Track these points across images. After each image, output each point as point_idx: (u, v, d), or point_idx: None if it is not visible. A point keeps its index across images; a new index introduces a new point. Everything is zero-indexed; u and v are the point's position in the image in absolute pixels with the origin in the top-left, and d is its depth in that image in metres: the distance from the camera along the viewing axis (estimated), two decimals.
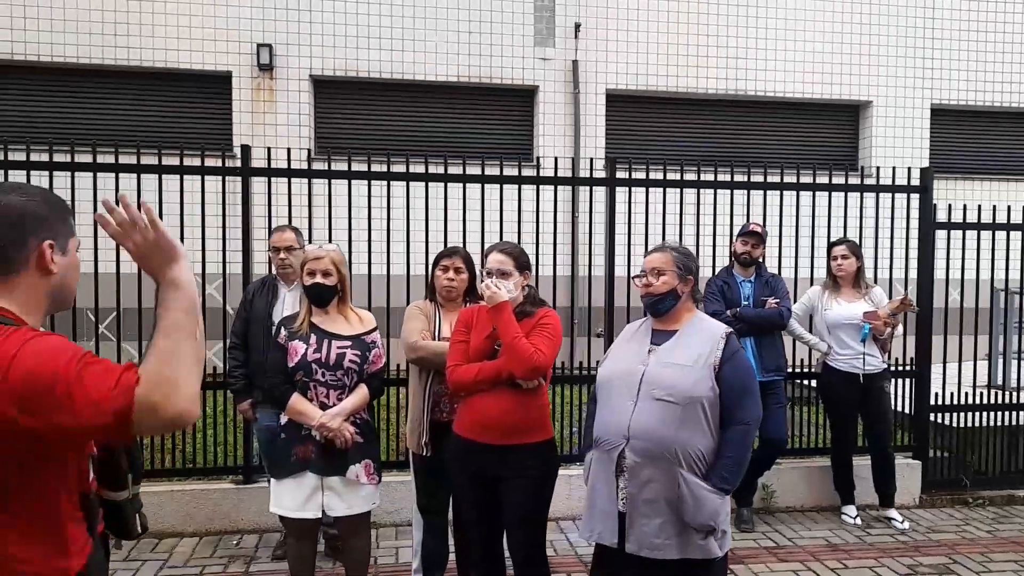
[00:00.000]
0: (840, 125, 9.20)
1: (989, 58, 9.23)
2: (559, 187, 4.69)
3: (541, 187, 4.66)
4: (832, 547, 4.29)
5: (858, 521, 4.65)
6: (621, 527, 2.51)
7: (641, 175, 4.79)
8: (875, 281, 4.98)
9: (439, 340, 3.26)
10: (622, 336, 2.79)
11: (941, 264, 5.33)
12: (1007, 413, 5.40)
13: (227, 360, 4.10)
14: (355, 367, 2.89)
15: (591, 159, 6.01)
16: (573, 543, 4.23)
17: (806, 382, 5.21)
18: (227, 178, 4.45)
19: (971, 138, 9.52)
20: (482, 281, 2.90)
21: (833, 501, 4.87)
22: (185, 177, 4.38)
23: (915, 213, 5.13)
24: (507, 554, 2.99)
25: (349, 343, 2.91)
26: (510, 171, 4.67)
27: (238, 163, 4.48)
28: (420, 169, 4.53)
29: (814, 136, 9.13)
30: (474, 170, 4.61)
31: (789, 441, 5.07)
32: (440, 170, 4.56)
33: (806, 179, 5.04)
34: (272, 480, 2.91)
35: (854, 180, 5.19)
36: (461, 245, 3.72)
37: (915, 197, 5.12)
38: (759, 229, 4.50)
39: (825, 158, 8.84)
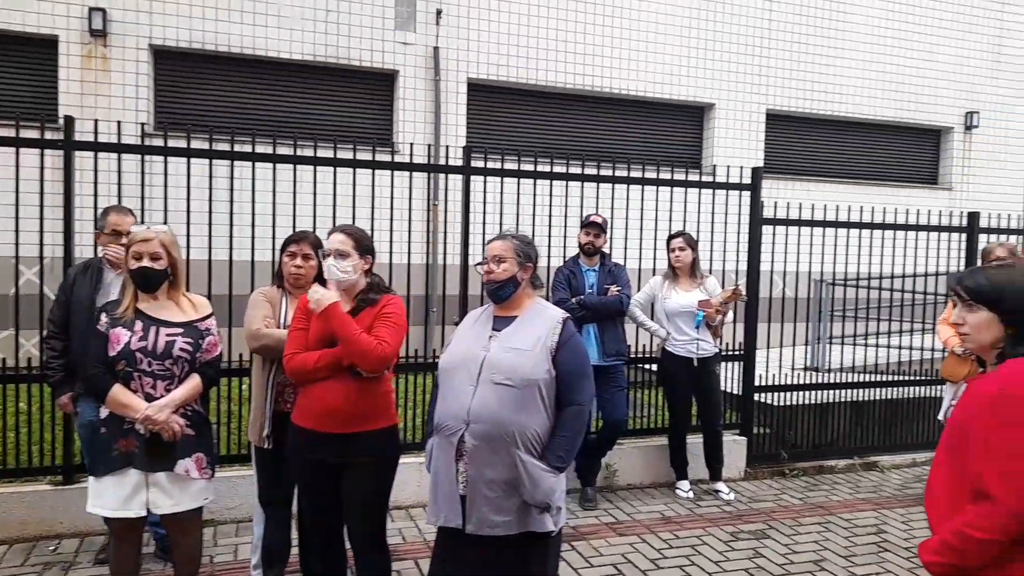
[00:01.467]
0: (686, 125, 9.79)
1: (817, 69, 10.14)
2: (416, 174, 4.67)
3: (400, 174, 4.62)
4: (666, 520, 4.59)
5: (691, 495, 5.01)
6: (464, 509, 2.57)
7: (497, 165, 4.87)
8: (711, 272, 5.36)
9: (285, 329, 3.16)
10: (464, 323, 2.83)
11: (774, 257, 5.85)
12: (820, 392, 6.01)
13: (44, 350, 3.75)
14: (186, 356, 2.74)
15: (449, 147, 6.02)
16: (422, 530, 4.26)
17: (647, 366, 5.52)
18: (48, 152, 4.06)
19: (801, 142, 10.43)
20: (324, 261, 2.86)
21: (670, 477, 5.20)
22: None
23: (746, 209, 5.56)
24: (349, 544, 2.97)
25: (180, 330, 2.75)
26: (364, 155, 4.60)
27: (60, 135, 4.10)
28: (269, 150, 4.35)
29: (662, 134, 9.66)
30: (328, 154, 4.49)
31: (630, 422, 5.37)
32: (291, 152, 4.40)
33: (650, 175, 5.33)
34: (91, 478, 2.70)
35: (693, 177, 5.54)
36: (311, 230, 3.61)
37: (746, 195, 5.55)
38: (600, 220, 4.71)
39: (672, 155, 9.37)
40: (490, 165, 4.87)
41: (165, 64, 7.61)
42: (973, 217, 6.27)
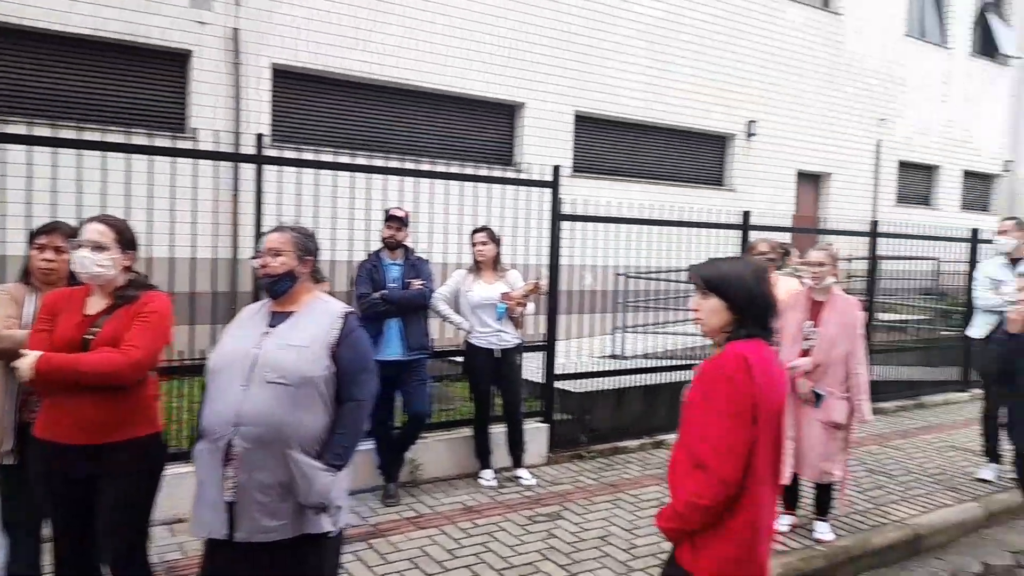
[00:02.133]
0: (498, 123, 10.03)
1: (618, 74, 10.79)
2: (202, 162, 4.38)
3: (186, 161, 4.30)
4: (468, 509, 4.68)
5: (493, 483, 5.15)
6: (231, 518, 2.43)
7: (294, 154, 4.69)
8: (514, 266, 5.52)
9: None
10: (236, 320, 2.70)
11: (581, 252, 6.14)
12: (617, 378, 6.41)
13: None
14: None
15: (250, 136, 5.72)
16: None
17: (454, 359, 5.59)
18: None
19: (607, 144, 11.07)
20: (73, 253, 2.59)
21: (475, 468, 5.31)
22: None
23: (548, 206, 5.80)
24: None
25: None
26: (140, 139, 4.23)
27: None
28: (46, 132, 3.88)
29: (475, 131, 9.83)
30: (111, 138, 4.08)
31: (437, 415, 5.42)
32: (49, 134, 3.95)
33: (461, 171, 5.39)
34: None
35: (502, 175, 5.69)
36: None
37: (547, 192, 5.77)
38: (401, 214, 4.69)
39: (486, 153, 9.58)
40: (286, 154, 4.68)
41: None
42: (746, 216, 6.98)
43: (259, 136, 4.61)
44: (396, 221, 4.66)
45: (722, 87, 12.02)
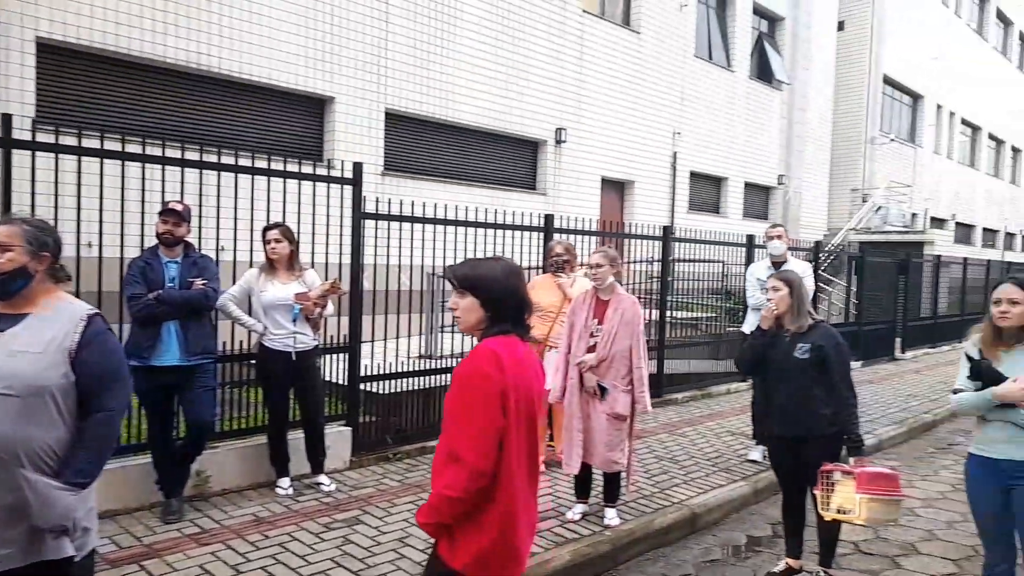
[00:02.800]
0: (306, 117, 9.65)
1: (433, 75, 10.81)
2: None
3: None
4: (259, 521, 4.42)
5: (290, 491, 4.91)
6: None
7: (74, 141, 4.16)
8: (314, 265, 5.31)
9: None
10: None
11: (384, 251, 6.00)
12: (427, 378, 6.39)
13: None
14: None
15: (4, 115, 5.00)
16: None
17: (247, 362, 5.28)
18: None
19: (421, 143, 11.03)
20: None
21: (271, 476, 5.04)
22: None
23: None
24: None
25: None
26: None
27: None
28: None
29: (282, 123, 9.39)
30: None
31: (230, 422, 5.09)
32: None
33: (262, 164, 5.07)
34: None
35: (307, 170, 5.44)
36: None
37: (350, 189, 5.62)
38: (179, 207, 4.34)
39: (293, 147, 9.18)
40: (41, 139, 4.16)
41: None
42: (548, 219, 7.26)
43: (7, 116, 4.04)
44: (173, 215, 4.29)
45: (535, 94, 12.46)
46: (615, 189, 14.73)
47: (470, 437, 2.05)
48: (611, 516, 4.62)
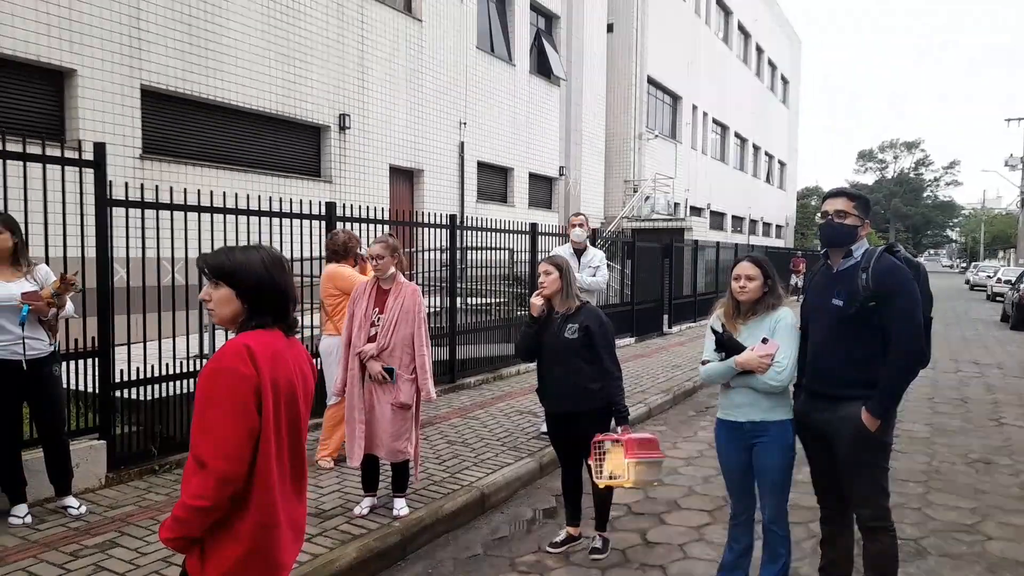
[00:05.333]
0: (43, 91, 8.40)
1: (199, 51, 9.91)
2: None
3: None
4: None
5: (28, 520, 4.25)
6: None
7: None
8: (48, 260, 4.62)
9: None
10: None
11: (148, 242, 5.38)
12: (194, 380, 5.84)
13: None
14: None
15: None
16: None
17: None
18: None
19: (186, 125, 10.08)
20: None
21: (4, 504, 4.33)
22: None
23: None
24: None
25: None
26: None
27: None
28: None
29: (14, 99, 8.09)
30: None
31: None
32: None
33: None
34: None
35: (40, 152, 4.67)
36: None
37: (91, 172, 4.96)
38: None
39: (28, 125, 7.95)
40: None
41: None
42: (330, 207, 6.96)
43: None
44: None
45: (315, 78, 11.94)
46: (405, 178, 14.61)
47: (216, 440, 1.85)
48: (400, 506, 4.55)
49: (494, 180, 17.76)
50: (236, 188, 9.08)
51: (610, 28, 23.52)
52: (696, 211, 28.56)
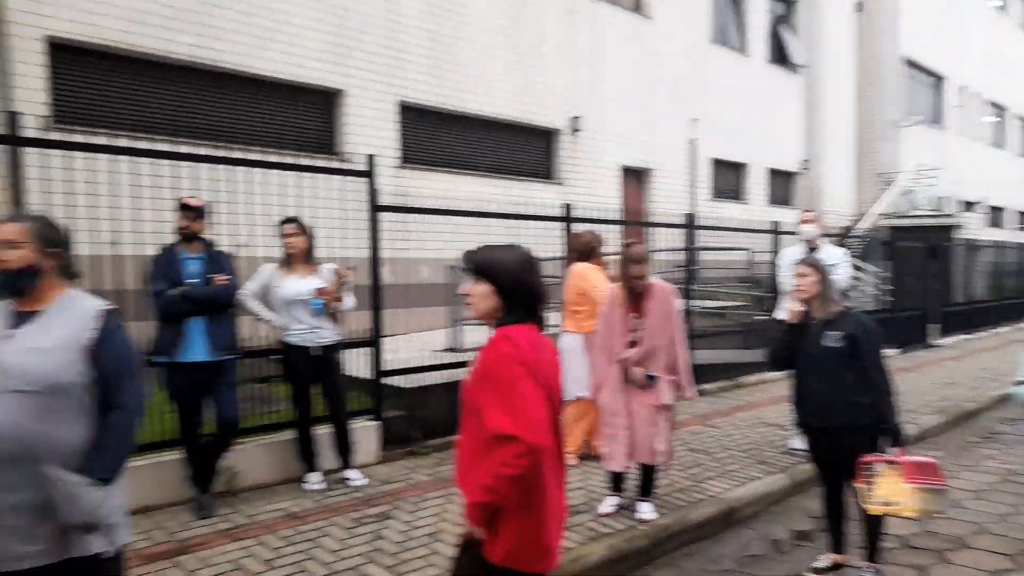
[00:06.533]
0: (317, 110, 9.55)
1: (447, 65, 10.69)
2: None
3: None
4: (290, 516, 4.36)
5: (320, 486, 4.84)
6: None
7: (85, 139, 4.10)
8: (332, 259, 5.22)
9: None
10: None
11: (405, 244, 5.94)
12: (453, 371, 6.27)
13: None
14: None
15: (11, 113, 4.96)
16: None
17: (272, 358, 5.21)
18: None
19: (435, 135, 10.92)
20: None
21: (301, 471, 4.96)
22: None
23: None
24: None
25: None
26: None
27: None
28: None
29: (294, 117, 9.29)
30: None
31: (258, 418, 5.02)
32: None
33: (274, 158, 4.99)
34: None
35: (305, 162, 5.35)
36: None
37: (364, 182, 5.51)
38: (196, 203, 4.26)
39: (305, 140, 9.09)
40: (75, 139, 4.09)
41: None
42: (567, 208, 7.11)
43: (12, 114, 3.97)
44: (191, 211, 4.22)
45: (549, 83, 12.30)
46: (635, 177, 14.52)
47: (517, 413, 2.01)
48: (647, 510, 4.49)
49: (728, 177, 17.00)
50: (476, 192, 9.67)
51: (859, 7, 21.42)
52: (968, 206, 24.97)
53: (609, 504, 4.57)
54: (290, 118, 9.26)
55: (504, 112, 11.61)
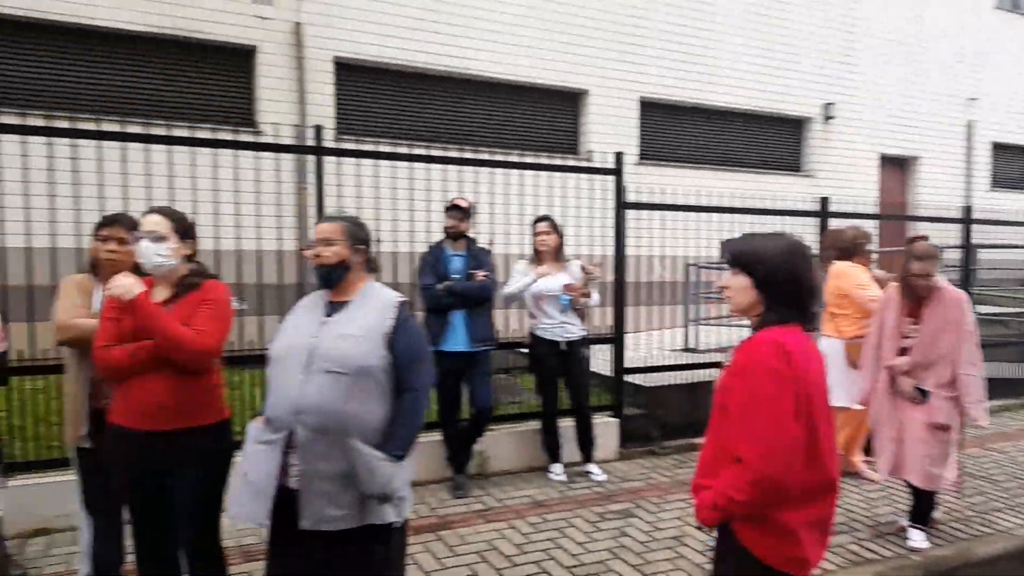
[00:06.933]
0: (562, 111, 9.82)
1: (688, 59, 10.43)
2: (270, 155, 4.35)
3: (252, 154, 4.30)
4: (537, 504, 4.55)
5: (563, 478, 4.99)
6: (288, 506, 2.37)
7: (353, 145, 4.64)
8: (578, 255, 5.35)
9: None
10: (295, 310, 2.64)
11: (642, 241, 5.94)
12: (689, 372, 6.14)
13: None
14: None
15: (315, 129, 5.72)
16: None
17: (517, 350, 5.46)
18: None
19: (674, 130, 10.72)
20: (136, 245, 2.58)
21: (544, 461, 5.16)
22: None
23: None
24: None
25: None
26: (206, 134, 4.26)
27: None
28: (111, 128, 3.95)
29: (539, 120, 9.66)
30: (178, 133, 4.12)
31: (505, 408, 5.30)
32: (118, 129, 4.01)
33: (514, 159, 5.24)
34: None
35: (558, 162, 5.52)
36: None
37: (610, 179, 5.56)
38: (464, 204, 4.58)
39: (550, 141, 9.41)
40: (349, 146, 4.63)
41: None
42: (824, 202, 6.59)
43: (318, 128, 4.58)
44: (459, 211, 4.55)
45: (797, 67, 11.47)
46: (893, 167, 13.07)
47: (759, 440, 1.86)
48: (918, 538, 4.02)
49: (1012, 162, 14.65)
50: (717, 187, 9.31)
51: None
52: None
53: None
54: (537, 120, 9.64)
55: (747, 102, 11.06)
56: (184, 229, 2.64)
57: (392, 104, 8.65)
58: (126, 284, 2.49)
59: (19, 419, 4.47)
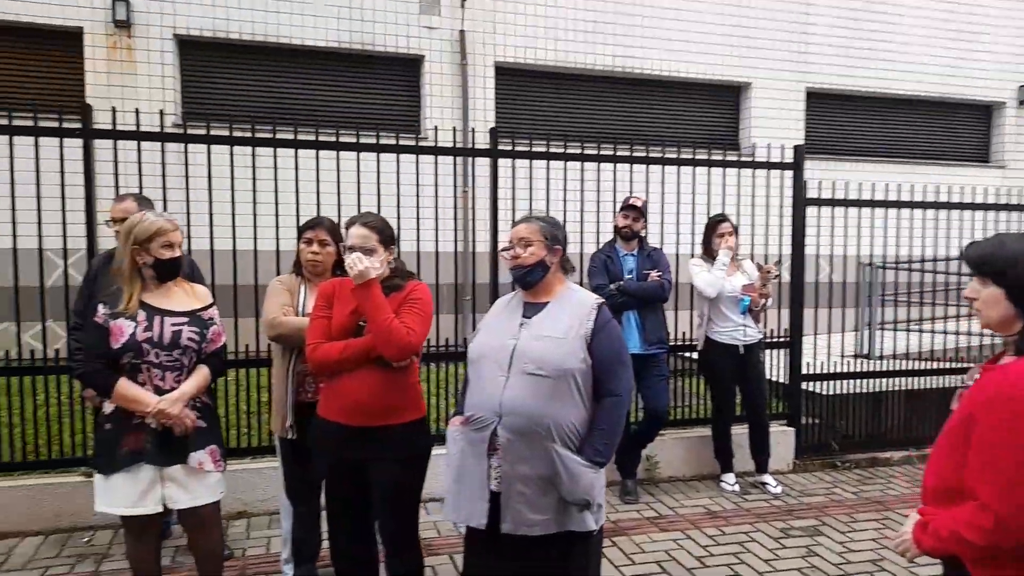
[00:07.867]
0: (722, 105, 9.44)
1: (859, 45, 9.70)
2: (442, 158, 4.46)
3: (426, 158, 4.43)
4: (711, 514, 4.36)
5: (736, 488, 4.77)
6: (493, 508, 2.38)
7: (525, 147, 4.66)
8: (751, 255, 5.09)
9: (303, 317, 3.02)
10: (493, 310, 2.66)
11: (819, 240, 5.58)
12: (872, 380, 5.68)
13: (69, 342, 3.67)
14: (194, 345, 2.60)
15: (477, 132, 5.85)
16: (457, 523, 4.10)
17: (688, 354, 5.27)
18: (66, 141, 3.96)
19: (843, 121, 10.01)
20: (346, 255, 2.68)
21: (714, 469, 4.96)
22: (15, 138, 3.88)
23: (786, 191, 5.26)
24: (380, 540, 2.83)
25: (185, 319, 2.61)
26: (388, 140, 4.44)
27: (78, 124, 4.01)
28: (290, 136, 4.21)
29: (698, 115, 9.34)
30: (353, 140, 4.32)
31: (672, 412, 5.14)
32: (313, 138, 4.25)
33: (686, 155, 5.06)
34: (98, 476, 2.57)
35: (731, 157, 5.28)
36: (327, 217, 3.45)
37: (788, 174, 5.25)
38: (639, 203, 4.47)
39: (708, 136, 9.07)
40: (518, 148, 4.66)
41: (190, 54, 7.54)
42: None
43: (493, 131, 4.63)
44: (634, 211, 4.45)
45: (986, 48, 10.35)
46: None
47: (1002, 487, 1.57)
48: None
49: None
50: (895, 180, 8.55)
51: None
52: None
53: None
54: (694, 116, 9.34)
55: (927, 88, 10.12)
56: (387, 237, 2.71)
57: (549, 105, 8.69)
58: (365, 267, 2.52)
59: (221, 409, 4.86)
